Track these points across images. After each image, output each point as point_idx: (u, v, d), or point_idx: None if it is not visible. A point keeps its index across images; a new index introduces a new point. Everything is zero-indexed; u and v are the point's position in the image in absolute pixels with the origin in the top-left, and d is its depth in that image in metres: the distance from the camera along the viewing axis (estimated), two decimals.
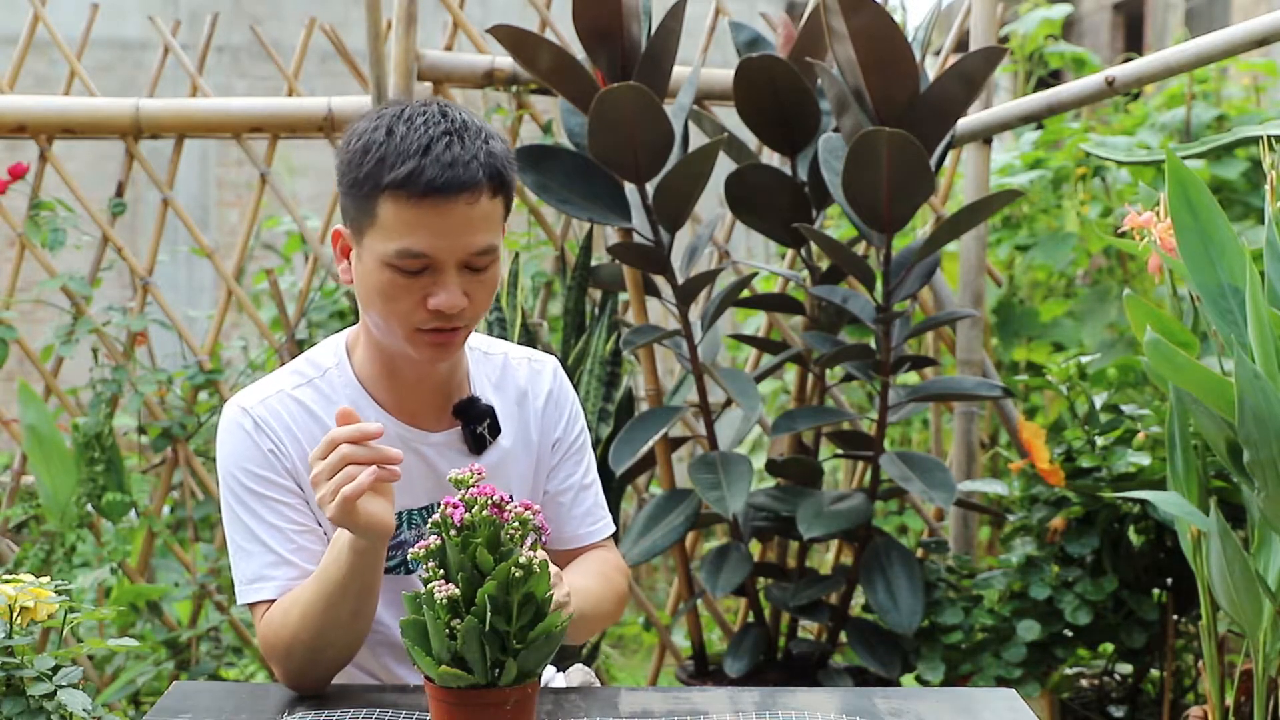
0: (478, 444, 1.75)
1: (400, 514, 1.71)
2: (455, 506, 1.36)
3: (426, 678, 1.39)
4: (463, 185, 1.57)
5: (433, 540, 1.37)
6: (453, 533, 1.36)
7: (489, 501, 1.36)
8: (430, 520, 1.38)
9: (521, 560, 1.34)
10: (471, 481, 1.38)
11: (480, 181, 1.58)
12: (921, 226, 3.93)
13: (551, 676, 1.93)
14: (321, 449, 1.50)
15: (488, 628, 1.34)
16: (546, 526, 1.40)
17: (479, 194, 1.59)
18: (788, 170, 2.87)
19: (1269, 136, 2.12)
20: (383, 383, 1.72)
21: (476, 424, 1.74)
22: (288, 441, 1.68)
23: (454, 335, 1.65)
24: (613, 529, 1.90)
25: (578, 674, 1.91)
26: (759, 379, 3.01)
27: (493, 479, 1.75)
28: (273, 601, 1.66)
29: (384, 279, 1.61)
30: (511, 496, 1.39)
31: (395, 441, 1.67)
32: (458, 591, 1.34)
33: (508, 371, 1.81)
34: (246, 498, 1.67)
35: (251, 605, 1.68)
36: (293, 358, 3.24)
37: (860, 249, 3.24)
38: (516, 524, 1.36)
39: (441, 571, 1.36)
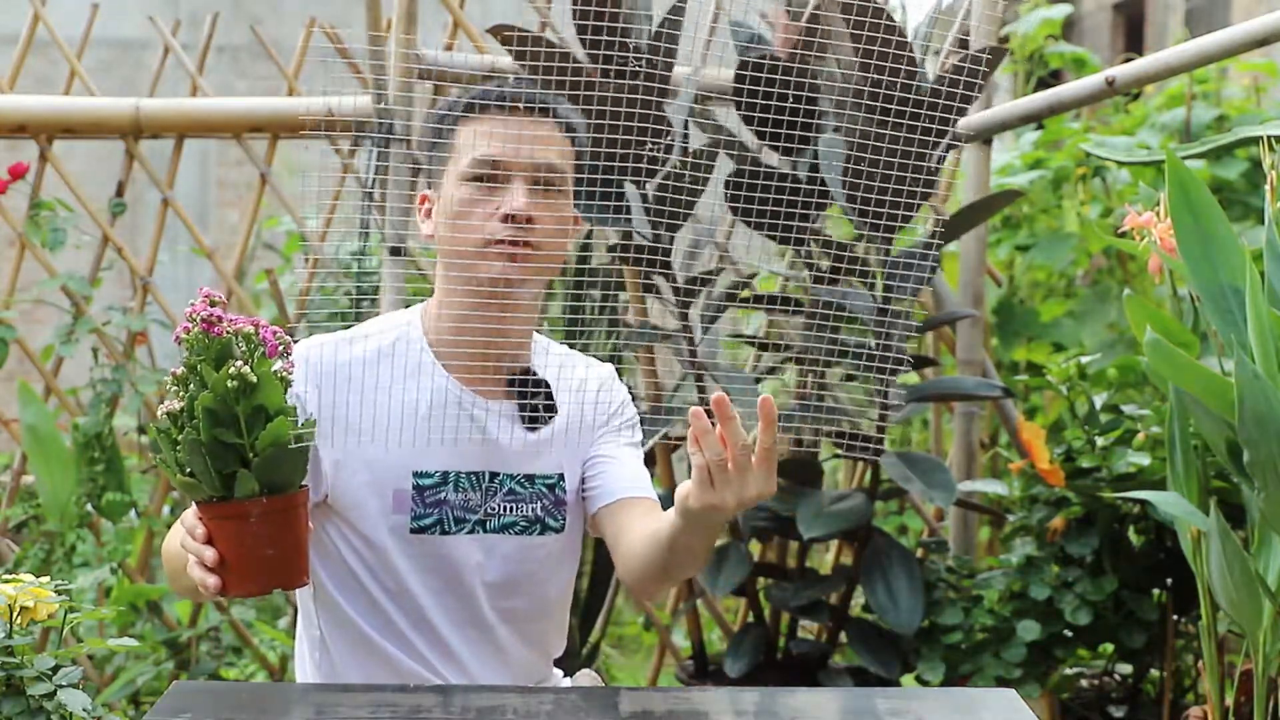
0: (532, 417, 1.78)
1: (448, 474, 1.75)
2: (184, 330, 1.41)
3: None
4: (532, 103, 1.75)
5: (182, 369, 1.42)
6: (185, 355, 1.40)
7: (200, 319, 1.41)
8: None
9: (231, 371, 1.36)
10: (192, 304, 1.42)
11: (548, 108, 1.77)
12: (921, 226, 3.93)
13: (559, 680, 1.93)
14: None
15: (204, 438, 1.37)
16: (274, 342, 1.43)
17: (546, 116, 1.77)
18: (788, 170, 2.86)
19: (1269, 136, 2.12)
20: (450, 343, 1.77)
21: (533, 396, 1.78)
22: (322, 392, 1.72)
23: (523, 250, 1.73)
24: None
25: (584, 679, 1.91)
26: (759, 379, 3.01)
27: (544, 455, 1.80)
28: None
29: (460, 197, 1.74)
30: None
31: (451, 402, 1.75)
32: (178, 406, 1.38)
33: (566, 367, 1.87)
34: None
35: None
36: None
37: (860, 249, 3.24)
38: (240, 340, 1.40)
39: (181, 394, 1.41)
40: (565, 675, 1.95)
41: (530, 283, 1.75)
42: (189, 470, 1.40)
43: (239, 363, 1.38)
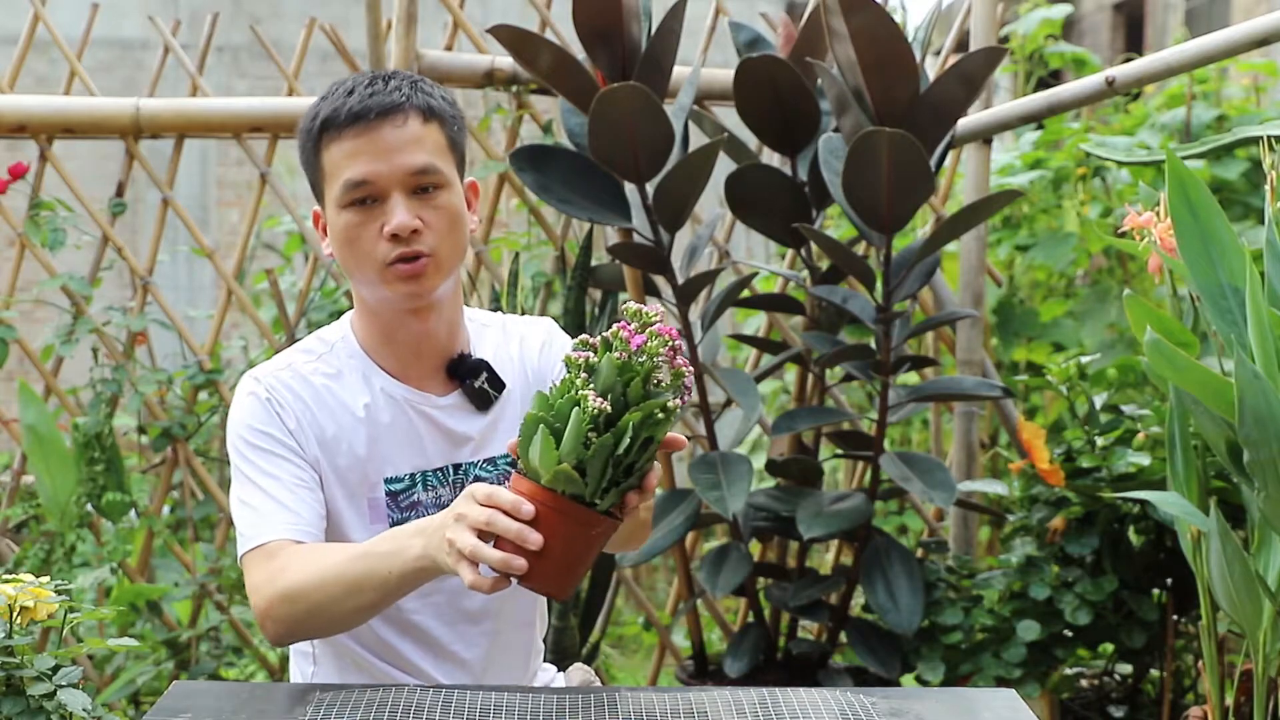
0: (482, 400, 1.78)
1: (415, 475, 1.75)
2: (632, 331, 1.40)
3: (526, 475, 1.42)
4: (384, 108, 1.67)
5: (589, 355, 1.40)
6: (615, 354, 1.39)
7: (667, 342, 1.40)
8: (601, 335, 1.40)
9: (669, 404, 1.39)
10: (654, 319, 1.41)
11: (402, 105, 1.68)
12: (921, 226, 3.93)
13: (552, 677, 1.93)
14: (483, 498, 1.45)
15: (620, 451, 1.39)
16: (690, 388, 1.45)
17: (404, 116, 1.67)
18: (788, 170, 2.87)
19: (1269, 136, 2.12)
20: (384, 349, 1.77)
21: (472, 379, 1.77)
22: (296, 412, 1.73)
23: (421, 266, 1.68)
24: None
25: (578, 673, 1.91)
26: (759, 379, 3.01)
27: (502, 431, 1.78)
28: (264, 546, 1.66)
29: (343, 223, 1.69)
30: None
31: (404, 406, 1.75)
32: (609, 408, 1.38)
33: (506, 330, 1.86)
34: (248, 452, 1.72)
35: (250, 553, 1.68)
36: None
37: (860, 249, 3.24)
38: (673, 375, 1.41)
39: (592, 385, 1.40)
40: (560, 671, 1.95)
41: (442, 283, 1.72)
42: (579, 465, 1.39)
43: (675, 398, 1.40)
